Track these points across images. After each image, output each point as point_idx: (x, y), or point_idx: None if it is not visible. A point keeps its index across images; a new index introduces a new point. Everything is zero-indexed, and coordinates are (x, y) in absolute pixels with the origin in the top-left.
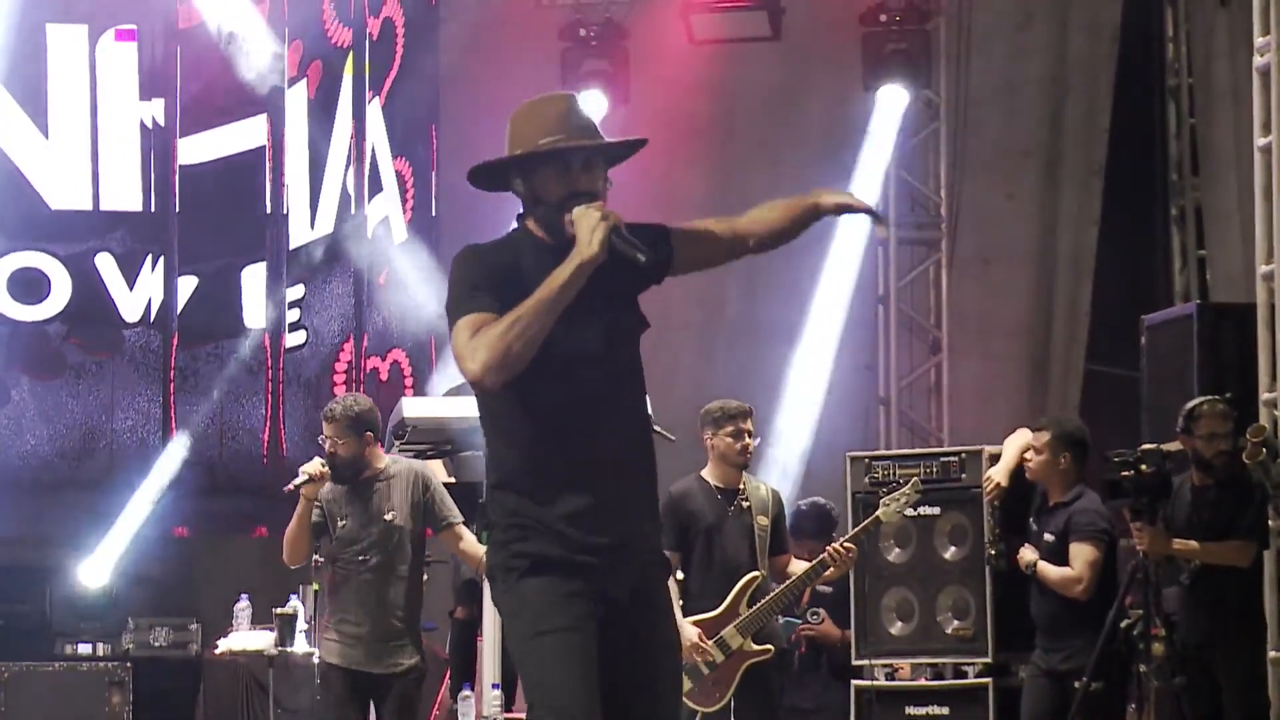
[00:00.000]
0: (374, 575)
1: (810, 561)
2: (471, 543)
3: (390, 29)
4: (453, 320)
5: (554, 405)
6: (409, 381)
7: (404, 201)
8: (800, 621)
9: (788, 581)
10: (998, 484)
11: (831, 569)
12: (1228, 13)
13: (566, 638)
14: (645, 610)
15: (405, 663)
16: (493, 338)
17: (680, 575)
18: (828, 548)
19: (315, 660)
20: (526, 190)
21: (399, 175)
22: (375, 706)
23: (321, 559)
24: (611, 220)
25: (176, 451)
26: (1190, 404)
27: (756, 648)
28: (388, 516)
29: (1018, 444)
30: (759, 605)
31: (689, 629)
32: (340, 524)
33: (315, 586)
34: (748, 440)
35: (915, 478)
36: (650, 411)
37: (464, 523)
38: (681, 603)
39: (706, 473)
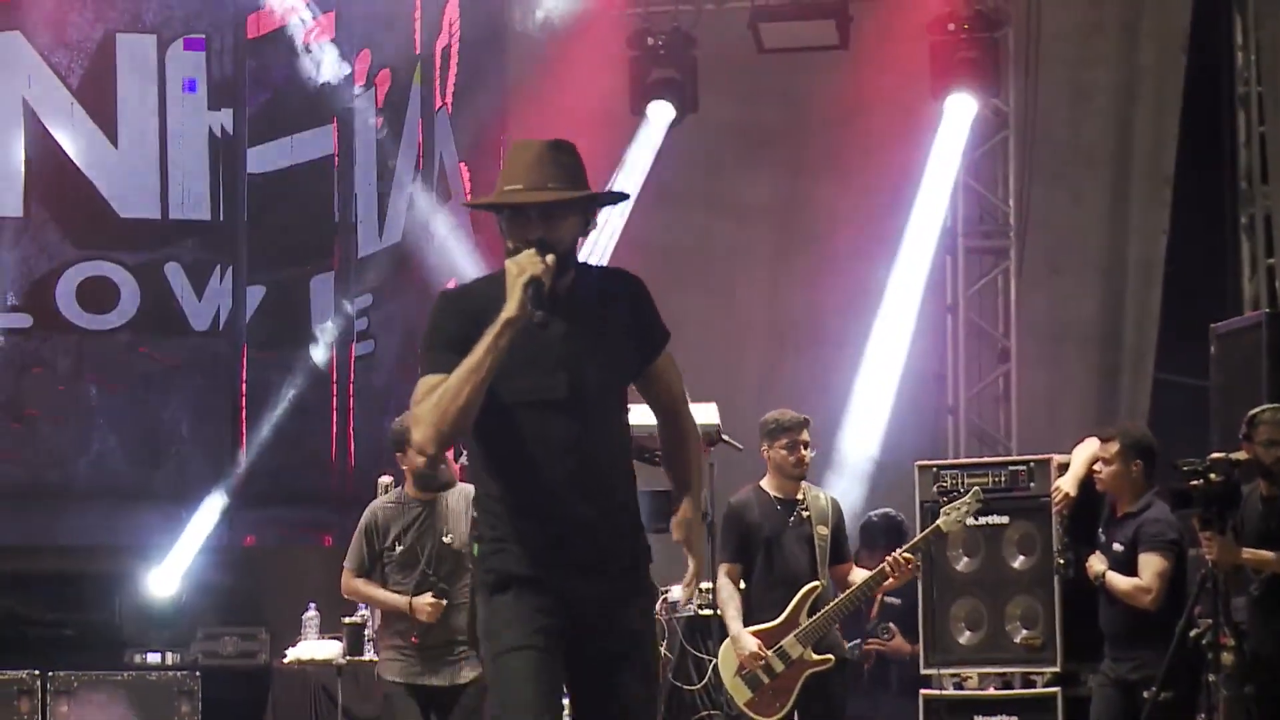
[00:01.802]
0: (439, 595)
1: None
2: None
3: (460, 39)
4: (419, 372)
5: (519, 447)
6: None
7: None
8: (868, 637)
9: (848, 591)
10: (1066, 494)
11: (891, 578)
12: None
13: (526, 656)
14: (617, 634)
15: (470, 675)
16: (426, 409)
17: (742, 585)
18: (887, 557)
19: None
20: (500, 232)
21: (466, 182)
22: (437, 717)
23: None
24: (529, 274)
25: (245, 460)
26: (1252, 411)
27: (817, 657)
28: (447, 539)
29: (1086, 454)
30: (819, 614)
31: (748, 639)
32: (400, 546)
33: None
34: (803, 452)
35: (976, 487)
36: (719, 421)
37: None
38: (744, 613)
39: (765, 483)
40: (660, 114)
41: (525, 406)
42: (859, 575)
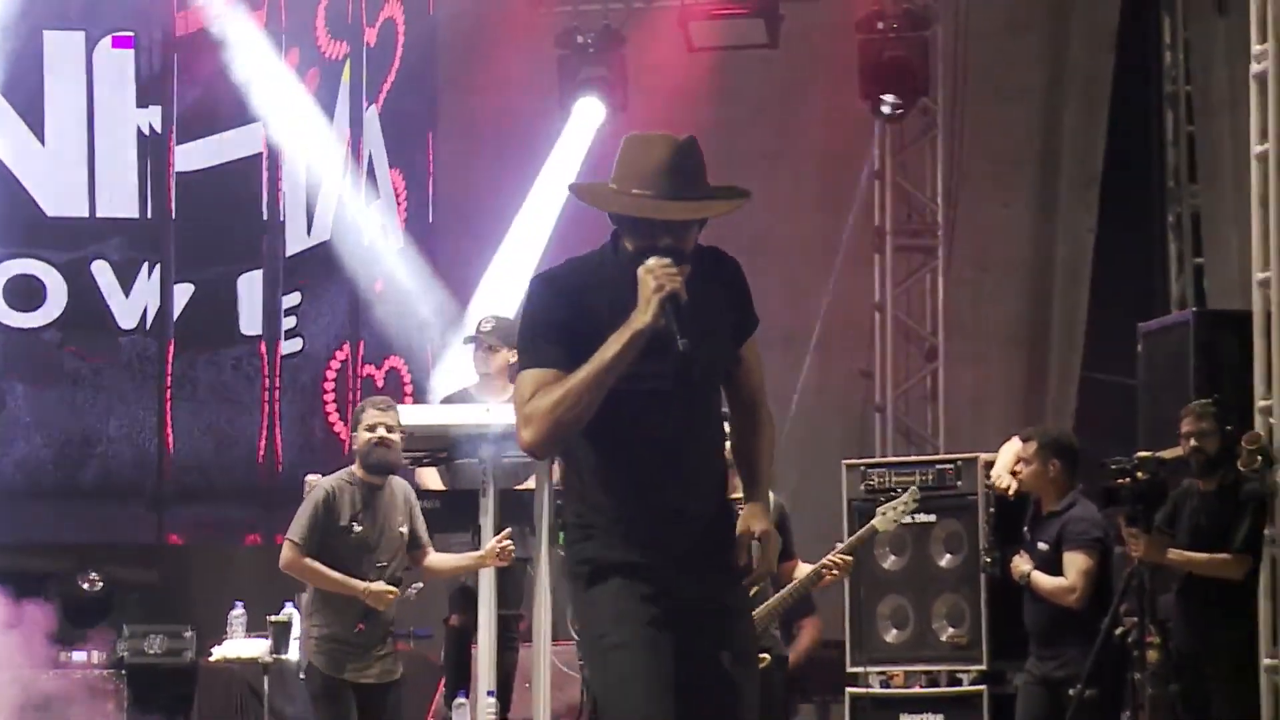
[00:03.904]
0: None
1: None
2: (436, 559)
3: (389, 36)
4: (519, 366)
5: (623, 433)
6: (408, 389)
7: (400, 208)
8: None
9: (781, 591)
10: (1006, 486)
11: (827, 578)
12: (1226, 20)
13: (635, 653)
14: (718, 618)
15: (397, 672)
16: (543, 411)
17: None
18: (825, 557)
19: (304, 667)
20: (615, 224)
21: (395, 182)
22: (362, 715)
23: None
24: (668, 289)
25: (172, 459)
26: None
27: None
28: (402, 529)
29: (1012, 452)
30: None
31: None
32: (357, 528)
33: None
34: None
35: (914, 487)
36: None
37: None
38: None
39: None
40: (589, 112)
41: (632, 393)
42: (803, 572)
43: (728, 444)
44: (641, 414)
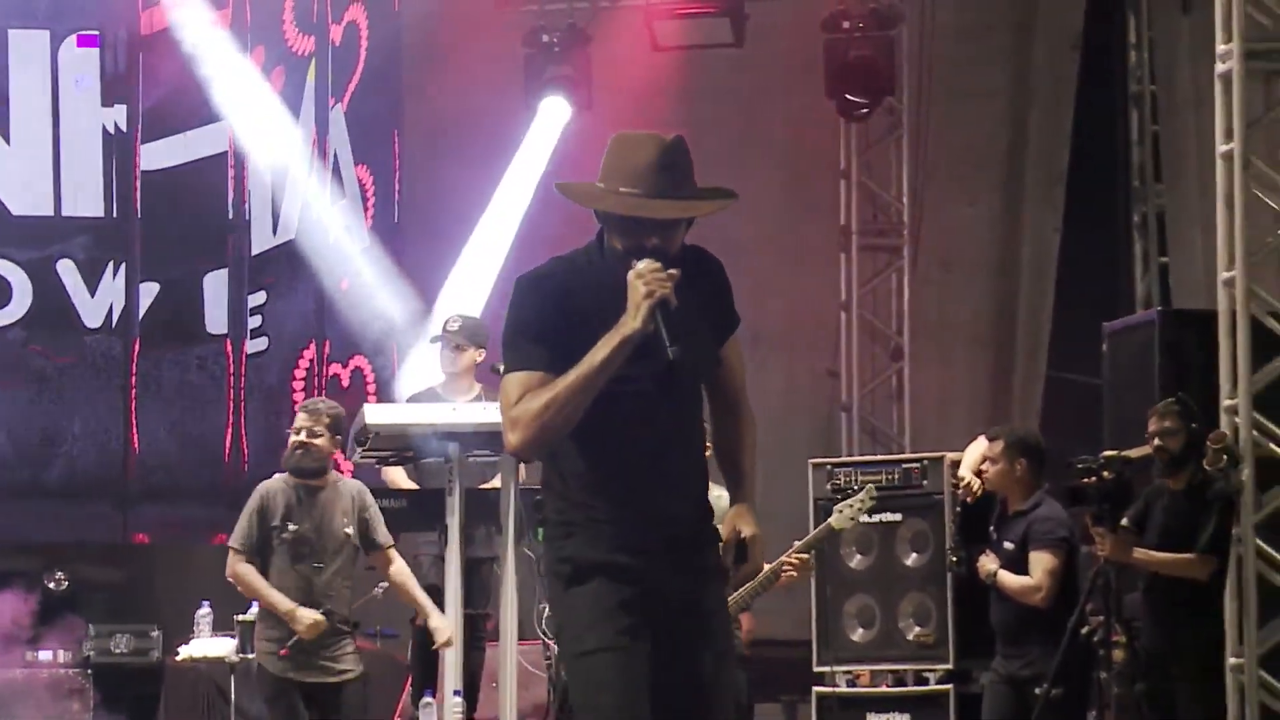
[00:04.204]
0: (324, 584)
1: None
2: (401, 569)
3: (353, 36)
4: (505, 368)
5: (607, 432)
6: (371, 388)
7: (366, 207)
8: None
9: (742, 590)
10: (969, 484)
11: (784, 576)
12: (1190, 20)
13: (612, 657)
14: (697, 617)
15: (353, 671)
16: (530, 416)
17: None
18: (781, 556)
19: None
20: (602, 224)
21: (361, 181)
22: (315, 715)
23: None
24: (658, 295)
25: (138, 458)
26: None
27: None
28: (348, 530)
29: (978, 451)
30: None
31: None
32: (288, 531)
33: None
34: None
35: (870, 485)
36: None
37: (394, 547)
38: None
39: None
40: (555, 111)
41: (617, 394)
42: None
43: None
44: (626, 415)
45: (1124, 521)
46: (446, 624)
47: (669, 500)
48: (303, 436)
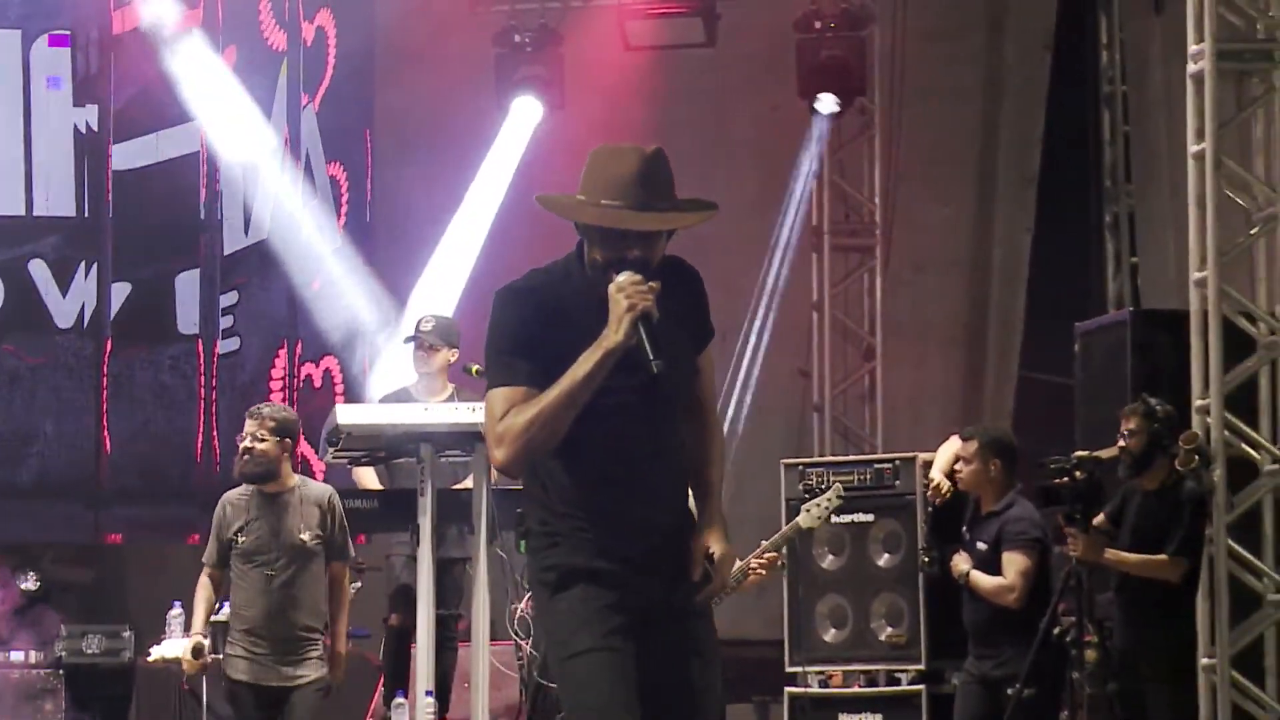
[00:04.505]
0: (281, 590)
1: None
2: (342, 595)
3: (323, 36)
4: (489, 383)
5: (589, 442)
6: (340, 389)
7: (338, 207)
8: None
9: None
10: (938, 485)
11: (753, 575)
12: (1162, 20)
13: (600, 659)
14: (681, 621)
15: (310, 675)
16: (515, 432)
17: None
18: (749, 556)
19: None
20: (582, 235)
21: (333, 181)
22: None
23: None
24: (640, 308)
25: (109, 458)
26: None
27: None
28: (304, 536)
29: (950, 451)
30: None
31: None
32: (243, 538)
33: None
34: None
35: (838, 484)
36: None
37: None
38: None
39: None
40: (527, 110)
41: (599, 405)
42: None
43: None
44: (608, 427)
45: (1100, 517)
46: (340, 660)
47: (651, 510)
48: (247, 442)
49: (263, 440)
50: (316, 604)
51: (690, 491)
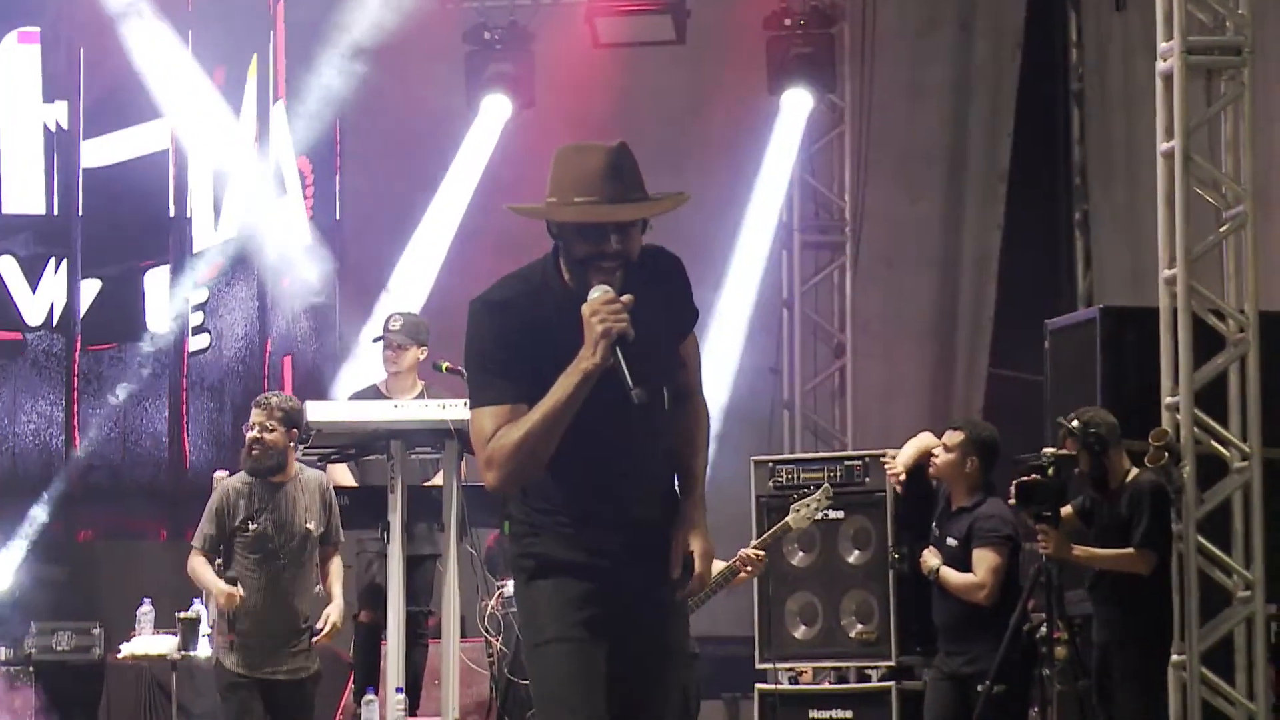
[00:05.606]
0: (287, 580)
1: None
2: (338, 566)
3: (294, 31)
4: (471, 401)
5: (570, 440)
6: (315, 386)
7: (307, 205)
8: None
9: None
10: (896, 473)
11: (742, 574)
12: (1123, 18)
13: (570, 647)
14: (655, 615)
15: (311, 667)
16: (507, 455)
17: None
18: (739, 554)
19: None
20: (556, 235)
21: (302, 178)
22: (273, 712)
23: (218, 559)
24: (615, 331)
25: (79, 455)
26: None
27: None
28: (309, 525)
29: (918, 444)
30: None
31: None
32: (253, 526)
33: None
34: None
35: (827, 484)
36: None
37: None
38: None
39: None
40: (496, 108)
41: (582, 407)
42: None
43: None
44: (591, 425)
45: (1068, 509)
46: (338, 618)
47: (632, 505)
48: (255, 433)
49: (272, 430)
50: (311, 592)
51: (675, 480)
